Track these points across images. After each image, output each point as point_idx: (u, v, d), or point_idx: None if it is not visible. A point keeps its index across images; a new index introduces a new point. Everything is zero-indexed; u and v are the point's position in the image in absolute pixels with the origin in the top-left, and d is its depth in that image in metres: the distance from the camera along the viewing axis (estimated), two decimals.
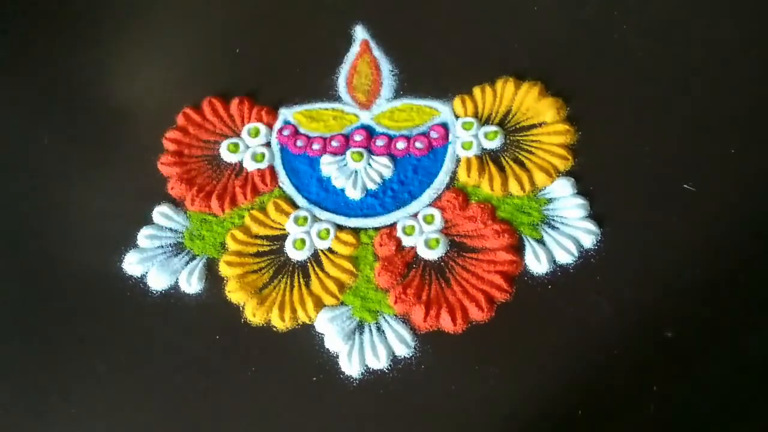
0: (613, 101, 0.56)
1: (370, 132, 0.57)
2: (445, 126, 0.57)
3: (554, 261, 0.50)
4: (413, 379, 0.46)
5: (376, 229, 0.53)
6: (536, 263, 0.49)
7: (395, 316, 0.49)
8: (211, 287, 0.51)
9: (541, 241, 0.50)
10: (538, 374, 0.46)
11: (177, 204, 0.55)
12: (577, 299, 0.48)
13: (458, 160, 0.55)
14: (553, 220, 0.52)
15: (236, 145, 0.57)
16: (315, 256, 0.52)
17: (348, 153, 0.56)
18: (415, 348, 0.47)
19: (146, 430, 0.46)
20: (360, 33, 0.63)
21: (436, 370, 0.46)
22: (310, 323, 0.49)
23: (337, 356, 0.47)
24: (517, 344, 0.47)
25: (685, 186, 0.51)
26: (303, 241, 0.52)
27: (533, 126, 0.56)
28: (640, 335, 0.46)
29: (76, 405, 0.47)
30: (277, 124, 0.59)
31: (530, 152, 0.55)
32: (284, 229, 0.53)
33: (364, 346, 0.47)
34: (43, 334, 0.50)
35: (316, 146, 0.57)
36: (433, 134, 0.56)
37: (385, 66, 0.61)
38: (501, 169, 0.54)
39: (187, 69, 0.64)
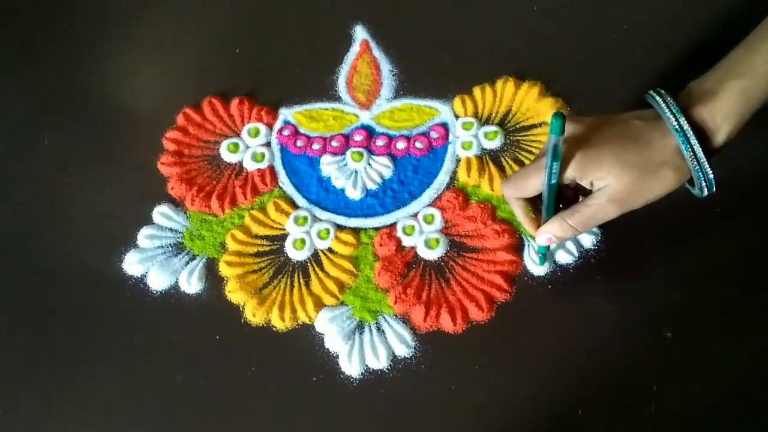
0: (612, 101, 0.56)
1: (370, 132, 0.57)
2: (445, 126, 0.57)
3: (554, 261, 0.50)
4: (413, 379, 0.46)
5: (376, 229, 0.53)
6: (536, 263, 0.49)
7: (395, 316, 0.49)
8: (211, 287, 0.51)
9: None
10: (538, 374, 0.45)
11: (177, 204, 0.55)
12: (577, 299, 0.48)
13: (458, 160, 0.55)
14: None
15: (236, 145, 0.57)
16: (315, 256, 0.52)
17: (348, 153, 0.56)
18: (415, 348, 0.47)
19: (146, 430, 0.46)
20: (360, 33, 0.63)
21: (436, 370, 0.46)
22: (310, 323, 0.49)
23: (337, 356, 0.47)
24: (517, 344, 0.47)
25: (685, 186, 0.51)
26: (303, 241, 0.52)
27: (533, 126, 0.56)
28: (640, 335, 0.46)
29: (76, 404, 0.47)
30: (277, 124, 0.59)
31: (530, 152, 0.55)
32: (284, 229, 0.53)
33: (364, 346, 0.47)
34: (43, 334, 0.50)
35: (316, 146, 0.57)
36: (433, 134, 0.56)
37: (385, 66, 0.61)
38: (501, 169, 0.54)
39: (187, 69, 0.64)
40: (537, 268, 0.49)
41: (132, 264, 0.52)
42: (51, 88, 0.63)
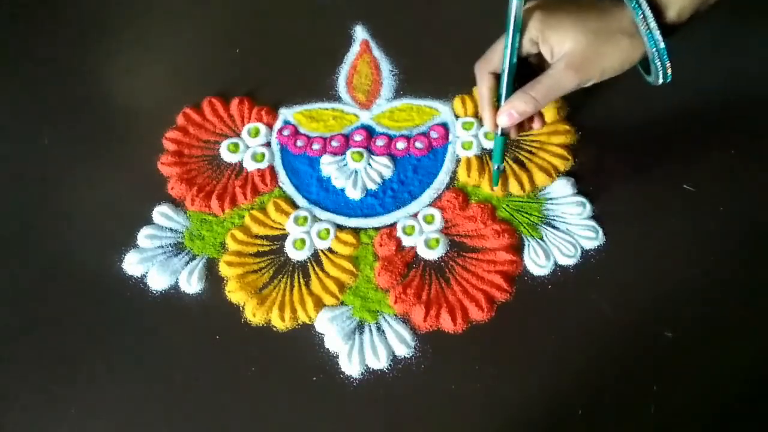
0: (612, 101, 0.56)
1: (370, 132, 0.57)
2: (445, 126, 0.57)
3: (554, 261, 0.50)
4: (413, 379, 0.46)
5: (376, 229, 0.53)
6: (536, 263, 0.49)
7: (395, 316, 0.49)
8: (211, 287, 0.51)
9: (541, 241, 0.50)
10: (538, 374, 0.46)
11: (177, 204, 0.55)
12: (577, 299, 0.48)
13: (458, 160, 0.55)
14: (553, 220, 0.52)
15: (236, 145, 0.57)
16: (315, 256, 0.52)
17: (348, 153, 0.56)
18: (415, 348, 0.47)
19: (146, 430, 0.46)
20: (360, 33, 0.63)
21: (436, 370, 0.46)
22: (310, 323, 0.49)
23: (337, 356, 0.47)
24: (517, 344, 0.47)
25: (685, 186, 0.51)
26: (303, 241, 0.52)
27: None
28: (640, 335, 0.46)
29: (76, 404, 0.47)
30: (277, 124, 0.59)
31: (530, 152, 0.55)
32: (284, 229, 0.53)
33: (364, 346, 0.47)
34: (42, 334, 0.50)
35: (316, 146, 0.57)
36: (433, 134, 0.56)
37: (385, 66, 0.61)
38: None
39: (187, 69, 0.64)
40: (537, 269, 0.49)
41: (132, 264, 0.52)
42: (51, 88, 0.63)
